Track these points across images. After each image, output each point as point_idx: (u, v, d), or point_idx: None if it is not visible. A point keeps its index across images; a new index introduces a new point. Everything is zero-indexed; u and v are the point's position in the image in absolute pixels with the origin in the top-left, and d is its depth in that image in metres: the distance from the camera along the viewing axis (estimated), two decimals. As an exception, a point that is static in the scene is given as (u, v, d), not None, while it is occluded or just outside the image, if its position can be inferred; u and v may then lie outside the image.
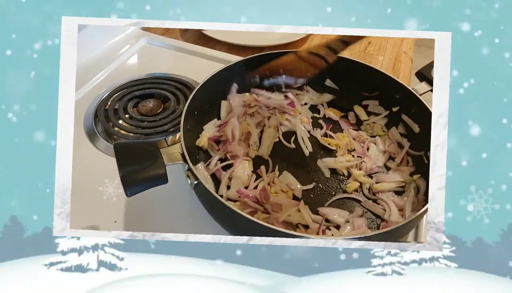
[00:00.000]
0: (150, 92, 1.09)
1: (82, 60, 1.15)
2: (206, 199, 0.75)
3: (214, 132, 0.93)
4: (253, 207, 0.78)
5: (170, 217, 0.81)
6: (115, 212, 0.81)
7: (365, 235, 0.64)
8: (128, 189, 0.66)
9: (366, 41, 1.38)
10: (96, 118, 1.01)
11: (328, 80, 1.04)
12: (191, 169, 0.71)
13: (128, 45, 1.28)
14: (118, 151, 0.69)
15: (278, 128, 0.97)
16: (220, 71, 0.93)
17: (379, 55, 1.33)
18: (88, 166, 0.89)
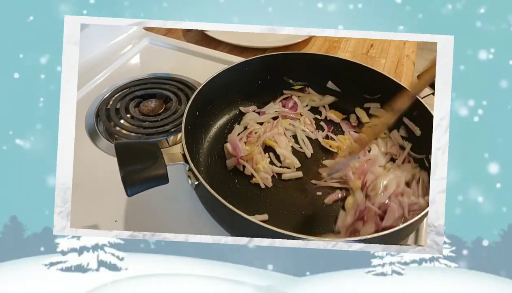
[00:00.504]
0: (152, 92, 1.09)
1: (84, 59, 1.15)
2: (207, 199, 0.75)
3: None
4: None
5: (170, 217, 0.81)
6: (115, 212, 0.81)
7: (364, 238, 0.63)
8: (129, 189, 0.66)
9: (369, 43, 1.38)
10: (97, 118, 1.01)
11: (330, 82, 1.04)
12: (192, 169, 0.71)
13: (131, 45, 1.28)
14: (119, 151, 0.69)
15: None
16: (222, 72, 0.93)
17: (381, 58, 1.33)
18: (89, 165, 0.89)
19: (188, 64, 1.23)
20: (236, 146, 0.89)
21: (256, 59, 0.99)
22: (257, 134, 0.94)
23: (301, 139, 0.95)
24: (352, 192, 0.85)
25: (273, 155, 0.92)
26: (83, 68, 1.10)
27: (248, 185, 0.86)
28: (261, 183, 0.86)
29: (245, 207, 0.80)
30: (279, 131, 0.94)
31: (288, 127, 0.98)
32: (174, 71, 1.18)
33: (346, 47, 1.37)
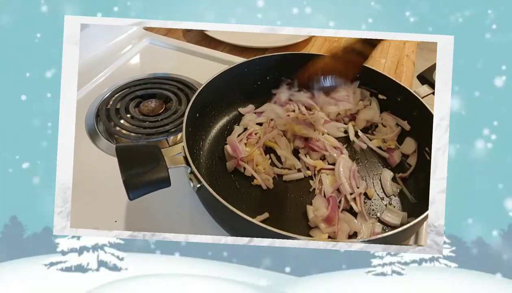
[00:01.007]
0: (152, 92, 1.09)
1: (84, 59, 1.15)
2: (209, 201, 0.75)
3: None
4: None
5: (170, 218, 0.81)
6: (115, 212, 0.81)
7: (364, 239, 0.63)
8: (131, 193, 0.65)
9: (369, 43, 1.38)
10: (97, 118, 1.01)
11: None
12: (194, 172, 0.71)
13: (131, 45, 1.28)
14: (120, 154, 0.68)
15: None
16: (222, 73, 0.93)
17: (381, 58, 1.33)
18: (89, 165, 0.89)
19: (188, 64, 1.23)
20: (236, 148, 0.89)
21: (256, 59, 0.99)
22: (257, 135, 0.94)
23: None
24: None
25: (274, 156, 0.92)
26: (83, 68, 1.10)
27: (249, 186, 0.86)
28: (262, 184, 0.86)
29: (247, 209, 0.79)
30: (279, 132, 0.94)
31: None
32: (174, 71, 1.18)
33: (346, 47, 1.37)
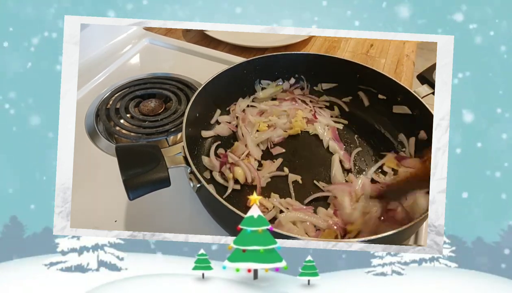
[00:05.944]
0: (151, 92, 1.09)
1: (84, 59, 1.15)
2: (209, 201, 0.75)
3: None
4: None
5: (170, 218, 0.81)
6: (115, 212, 0.81)
7: (364, 239, 0.63)
8: (131, 193, 0.65)
9: (369, 43, 1.38)
10: (97, 118, 1.01)
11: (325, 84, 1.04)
12: (194, 172, 0.71)
13: (130, 45, 1.28)
14: (120, 154, 0.69)
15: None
16: (221, 73, 0.93)
17: (381, 57, 1.33)
18: (89, 165, 0.89)
19: (188, 64, 1.23)
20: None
21: (255, 59, 0.99)
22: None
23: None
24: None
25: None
26: (83, 68, 1.10)
27: (248, 185, 0.86)
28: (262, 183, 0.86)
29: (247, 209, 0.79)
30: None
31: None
32: (174, 71, 1.18)
33: (346, 47, 1.37)
